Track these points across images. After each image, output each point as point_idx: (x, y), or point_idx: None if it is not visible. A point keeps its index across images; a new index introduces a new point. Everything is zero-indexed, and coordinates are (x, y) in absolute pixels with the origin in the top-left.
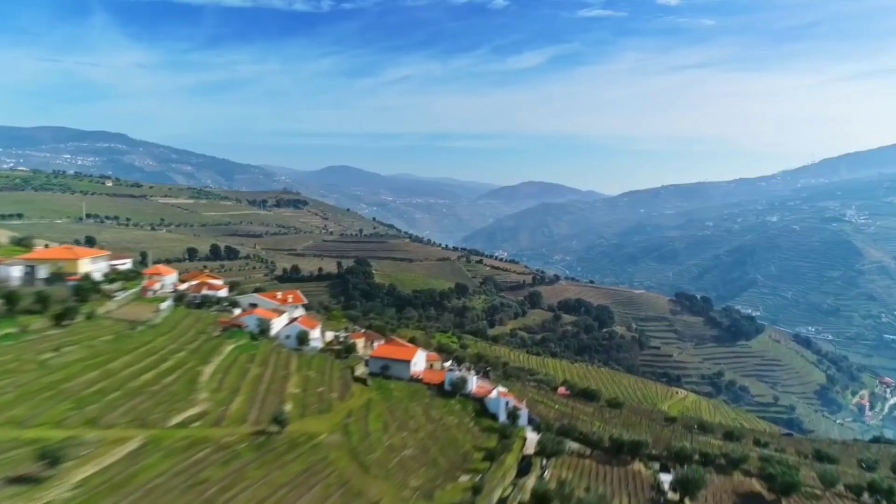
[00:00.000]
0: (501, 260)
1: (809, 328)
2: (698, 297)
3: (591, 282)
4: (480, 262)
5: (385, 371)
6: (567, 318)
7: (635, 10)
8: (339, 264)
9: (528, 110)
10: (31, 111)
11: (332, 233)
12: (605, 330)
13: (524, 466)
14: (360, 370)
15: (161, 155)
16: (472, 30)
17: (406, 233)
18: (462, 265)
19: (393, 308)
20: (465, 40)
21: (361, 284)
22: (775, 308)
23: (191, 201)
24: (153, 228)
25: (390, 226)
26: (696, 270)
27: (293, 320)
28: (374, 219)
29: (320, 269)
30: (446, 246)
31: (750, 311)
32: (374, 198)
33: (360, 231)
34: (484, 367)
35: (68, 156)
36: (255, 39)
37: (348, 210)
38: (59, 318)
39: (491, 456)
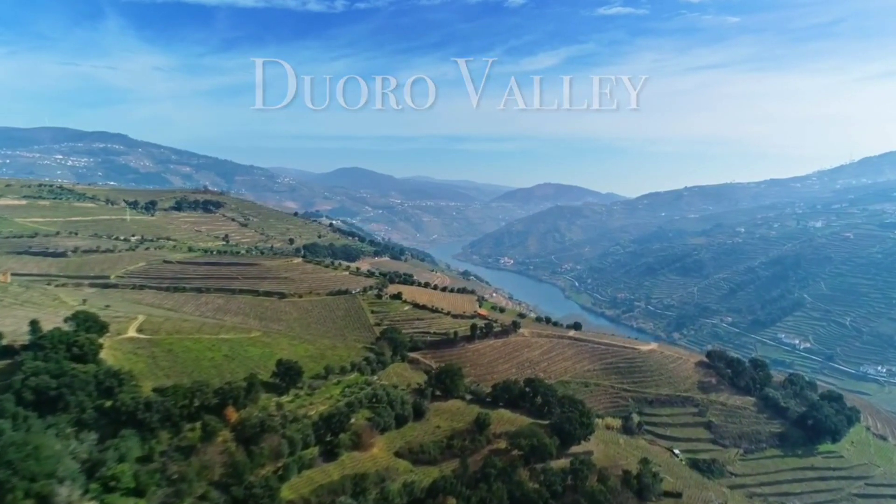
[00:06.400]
0: (445, 290)
1: (879, 368)
2: (746, 361)
3: (576, 326)
4: (399, 296)
5: None
6: (504, 417)
7: (655, 7)
8: (36, 325)
9: (544, 112)
10: (48, 115)
11: (186, 251)
12: (569, 454)
13: None
14: None
15: (161, 156)
16: (485, 31)
17: (374, 241)
18: (366, 303)
19: (96, 434)
20: (479, 42)
21: (48, 375)
22: (829, 339)
23: (21, 203)
24: None
25: (350, 234)
26: (727, 286)
27: None
28: (331, 224)
29: None
30: (358, 269)
31: (797, 342)
32: (381, 200)
33: (291, 241)
34: None
35: (60, 156)
36: (269, 43)
37: (296, 214)
38: None
39: None
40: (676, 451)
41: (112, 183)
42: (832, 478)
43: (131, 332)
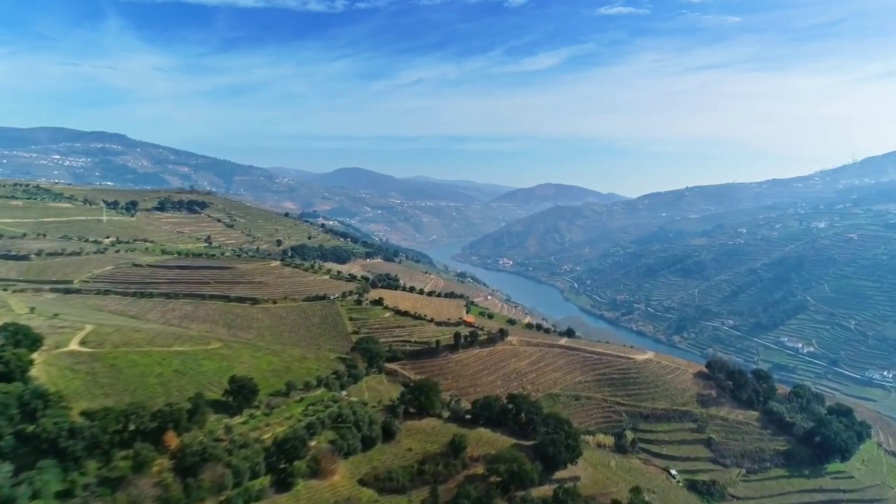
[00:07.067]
0: (431, 295)
1: (885, 373)
2: (748, 372)
3: (568, 333)
4: (380, 302)
5: None
6: (483, 438)
7: (656, 7)
8: None
9: (544, 112)
10: (47, 115)
11: (159, 253)
12: (553, 480)
13: None
14: None
15: (159, 156)
16: (485, 31)
17: (367, 242)
18: (345, 309)
19: (11, 465)
20: (479, 41)
21: None
22: (833, 342)
23: None
24: None
25: (343, 234)
26: (728, 288)
27: None
28: (322, 225)
29: None
30: (339, 273)
31: (801, 345)
32: (381, 200)
33: (279, 243)
34: None
35: (57, 156)
36: (269, 42)
37: (286, 215)
38: None
39: None
40: (673, 472)
41: (109, 183)
42: (842, 501)
43: (73, 345)
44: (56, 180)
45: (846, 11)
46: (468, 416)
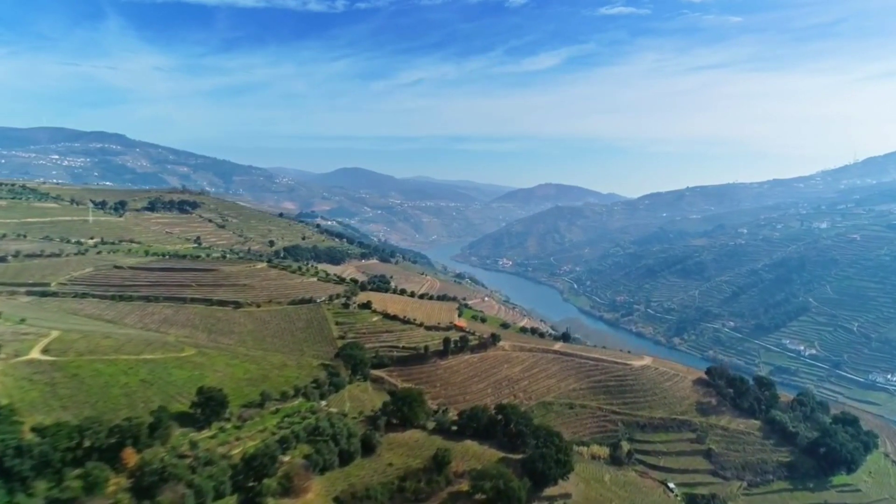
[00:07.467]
0: (423, 297)
1: (889, 376)
2: (750, 379)
3: (564, 337)
4: (368, 305)
5: None
6: (470, 451)
7: (657, 7)
8: None
9: (545, 112)
10: (47, 115)
11: (142, 255)
12: (543, 498)
13: None
14: None
15: (158, 156)
16: (485, 31)
17: (363, 242)
18: (331, 313)
19: None
20: (479, 41)
21: None
22: (836, 345)
23: None
24: None
25: (338, 235)
26: (729, 289)
27: None
28: (318, 225)
29: None
30: (328, 275)
31: (802, 348)
32: (381, 200)
33: (272, 243)
34: None
35: (56, 156)
36: (269, 42)
37: (281, 215)
38: None
39: None
40: (671, 485)
41: (108, 183)
42: None
43: (34, 353)
44: (46, 180)
45: (846, 11)
46: (454, 428)
